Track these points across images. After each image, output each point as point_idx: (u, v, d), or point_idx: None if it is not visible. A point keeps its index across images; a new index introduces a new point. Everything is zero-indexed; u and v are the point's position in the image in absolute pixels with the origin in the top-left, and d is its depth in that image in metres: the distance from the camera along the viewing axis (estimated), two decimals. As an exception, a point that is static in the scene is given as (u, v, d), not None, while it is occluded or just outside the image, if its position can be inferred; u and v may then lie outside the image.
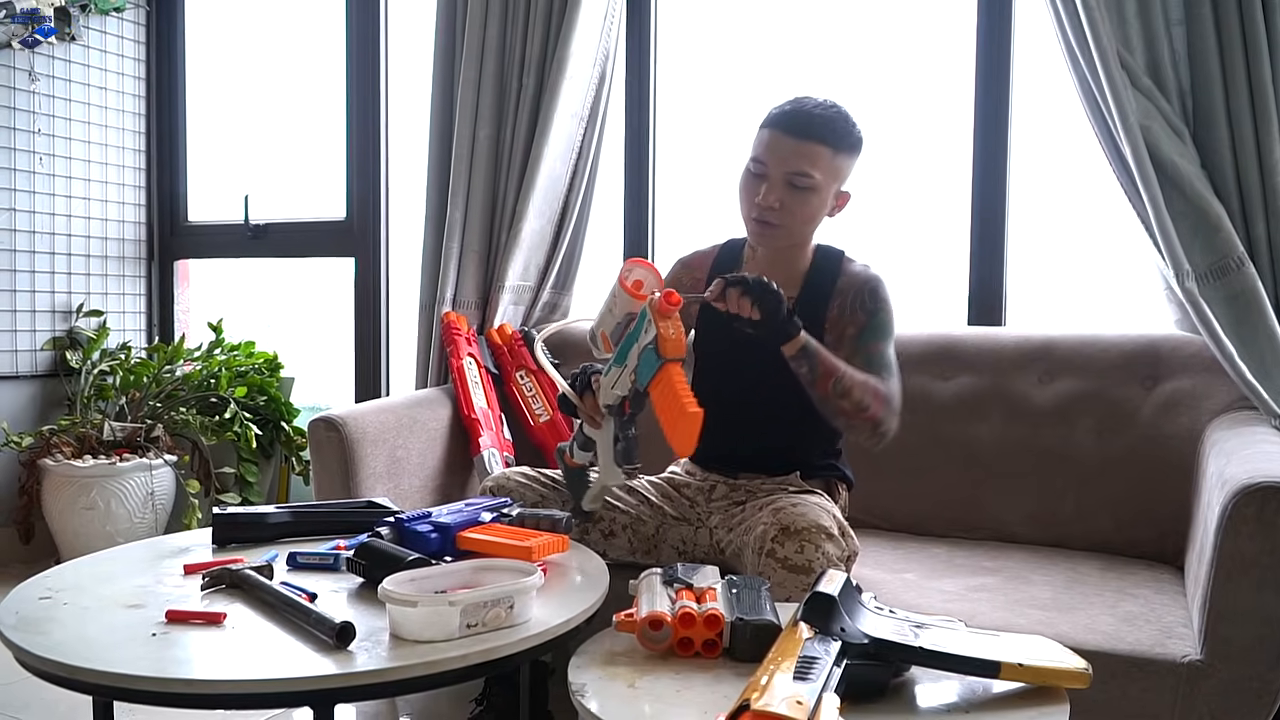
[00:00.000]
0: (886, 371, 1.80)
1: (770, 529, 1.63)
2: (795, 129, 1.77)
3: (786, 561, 1.59)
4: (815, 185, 1.77)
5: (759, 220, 1.81)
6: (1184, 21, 2.12)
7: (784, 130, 1.78)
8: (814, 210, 1.81)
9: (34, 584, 1.44)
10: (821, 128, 1.77)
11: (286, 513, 1.73)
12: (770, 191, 1.77)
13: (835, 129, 1.78)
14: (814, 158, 1.76)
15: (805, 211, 1.80)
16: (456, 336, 2.73)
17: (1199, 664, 1.51)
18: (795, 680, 0.97)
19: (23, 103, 3.34)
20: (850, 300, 1.85)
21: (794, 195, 1.78)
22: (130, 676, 1.11)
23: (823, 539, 1.61)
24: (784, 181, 1.77)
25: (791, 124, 1.78)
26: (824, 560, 1.59)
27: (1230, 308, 2.06)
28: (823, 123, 1.77)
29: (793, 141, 1.77)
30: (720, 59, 2.96)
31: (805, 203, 1.78)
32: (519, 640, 1.22)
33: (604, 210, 2.94)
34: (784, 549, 1.59)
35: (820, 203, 1.80)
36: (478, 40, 2.83)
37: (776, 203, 1.77)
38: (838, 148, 1.78)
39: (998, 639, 1.17)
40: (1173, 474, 2.04)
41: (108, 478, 3.13)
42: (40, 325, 3.43)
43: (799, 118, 1.78)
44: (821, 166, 1.77)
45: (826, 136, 1.76)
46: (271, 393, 3.46)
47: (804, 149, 1.76)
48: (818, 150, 1.76)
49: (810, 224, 1.84)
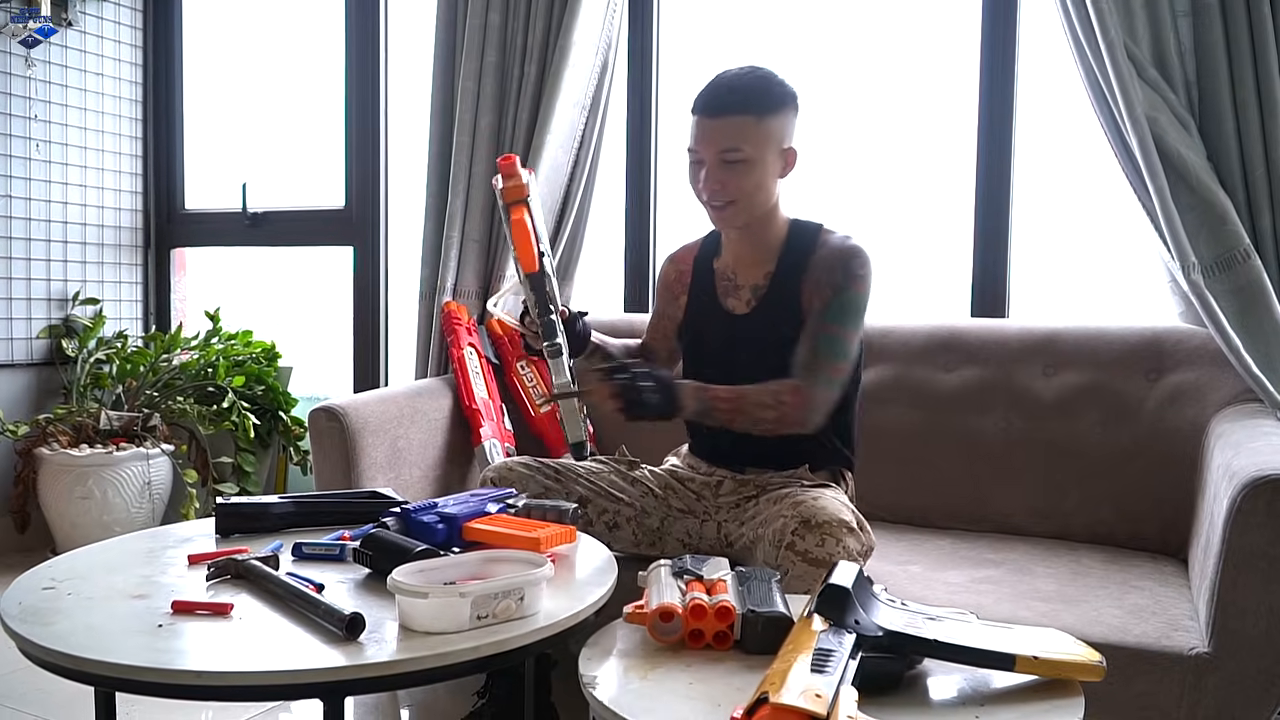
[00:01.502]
0: (828, 359, 1.77)
1: (790, 522, 1.62)
2: (712, 108, 1.78)
3: (807, 555, 1.58)
4: (748, 157, 1.77)
5: (710, 205, 1.83)
6: (1190, 13, 2.12)
7: (704, 113, 1.80)
8: (758, 180, 1.80)
9: (37, 574, 1.43)
10: (736, 99, 1.77)
11: (290, 503, 1.72)
12: (709, 175, 1.79)
13: (751, 96, 1.78)
14: (738, 130, 1.76)
15: (749, 184, 1.80)
16: (457, 326, 2.72)
17: (1206, 656, 1.51)
18: (813, 673, 0.96)
19: (19, 89, 3.31)
20: (824, 272, 1.82)
21: (732, 172, 1.78)
22: (138, 668, 1.10)
23: (844, 533, 1.60)
24: (718, 162, 1.78)
25: (709, 104, 1.79)
26: (845, 554, 1.58)
27: (1236, 300, 2.06)
28: (737, 93, 1.78)
29: (713, 121, 1.78)
30: (723, 48, 2.95)
31: (746, 175, 1.79)
32: (530, 632, 1.21)
33: (606, 199, 2.93)
34: (804, 542, 1.59)
35: (763, 171, 1.80)
36: (479, 28, 2.81)
37: (718, 184, 1.79)
38: (761, 113, 1.77)
39: (1011, 631, 1.17)
40: (1177, 467, 2.04)
41: (104, 467, 3.11)
42: (36, 313, 3.41)
43: (714, 96, 1.80)
44: (748, 137, 1.77)
45: (746, 106, 1.77)
46: (269, 382, 3.45)
47: (726, 125, 1.76)
48: (739, 122, 1.76)
49: (760, 193, 1.82)
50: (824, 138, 2.76)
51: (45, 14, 3.23)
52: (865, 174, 2.76)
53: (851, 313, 1.79)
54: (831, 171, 2.74)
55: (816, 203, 2.69)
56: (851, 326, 1.79)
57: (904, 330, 2.39)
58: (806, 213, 1.93)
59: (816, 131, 2.77)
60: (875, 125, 2.75)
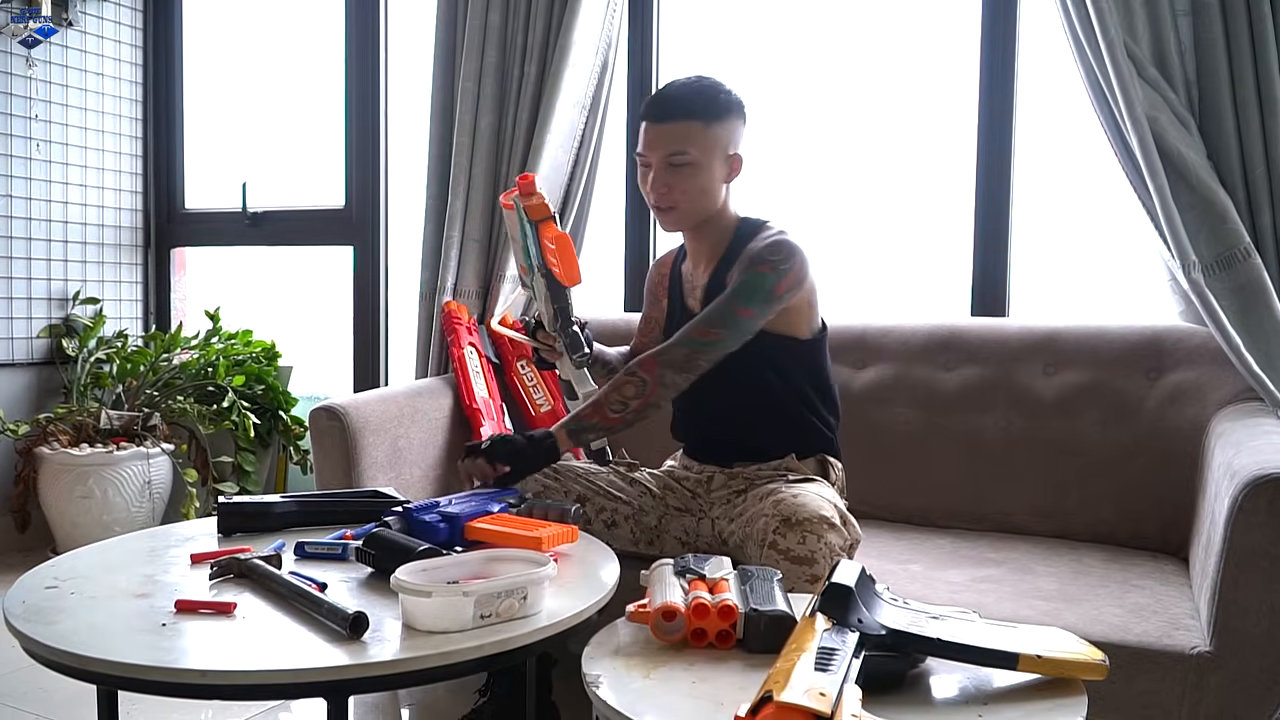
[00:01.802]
0: (701, 322, 1.79)
1: (771, 521, 1.62)
2: (660, 114, 1.83)
3: (789, 553, 1.58)
4: (694, 160, 1.82)
5: (656, 208, 1.88)
6: (1190, 11, 2.12)
7: (651, 119, 1.85)
8: (703, 183, 1.84)
9: (40, 573, 1.43)
10: (685, 106, 1.82)
11: (292, 502, 1.72)
12: (656, 179, 1.84)
13: (697, 103, 1.82)
14: (684, 135, 1.81)
15: (694, 186, 1.84)
16: (457, 326, 2.72)
17: (1208, 655, 1.51)
18: (816, 672, 0.96)
19: (20, 89, 3.31)
20: (741, 261, 1.84)
21: (677, 175, 1.83)
22: (143, 667, 1.10)
23: (825, 529, 1.60)
24: (664, 165, 1.83)
25: (656, 110, 1.84)
26: (827, 551, 1.58)
27: (1236, 299, 2.06)
28: (683, 100, 1.83)
29: (661, 126, 1.83)
30: (722, 47, 2.95)
31: (691, 179, 1.83)
32: (533, 631, 1.22)
33: (606, 199, 2.93)
34: (785, 540, 1.59)
35: (708, 175, 1.84)
36: (479, 28, 2.81)
37: (664, 187, 1.84)
38: (708, 119, 1.82)
39: (1014, 630, 1.17)
40: (1177, 466, 2.04)
41: (104, 466, 3.11)
42: (36, 313, 3.41)
43: (662, 103, 1.85)
44: (695, 141, 1.81)
45: (692, 112, 1.81)
46: (269, 381, 3.45)
47: (673, 130, 1.81)
48: (687, 127, 1.81)
49: (706, 196, 1.86)
50: (824, 137, 2.76)
51: (46, 14, 3.23)
52: (865, 173, 2.76)
53: (751, 290, 1.78)
54: (831, 171, 2.75)
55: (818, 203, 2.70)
56: (745, 300, 1.78)
57: (904, 329, 2.39)
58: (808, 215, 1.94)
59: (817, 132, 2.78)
60: (875, 124, 2.75)
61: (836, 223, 1.93)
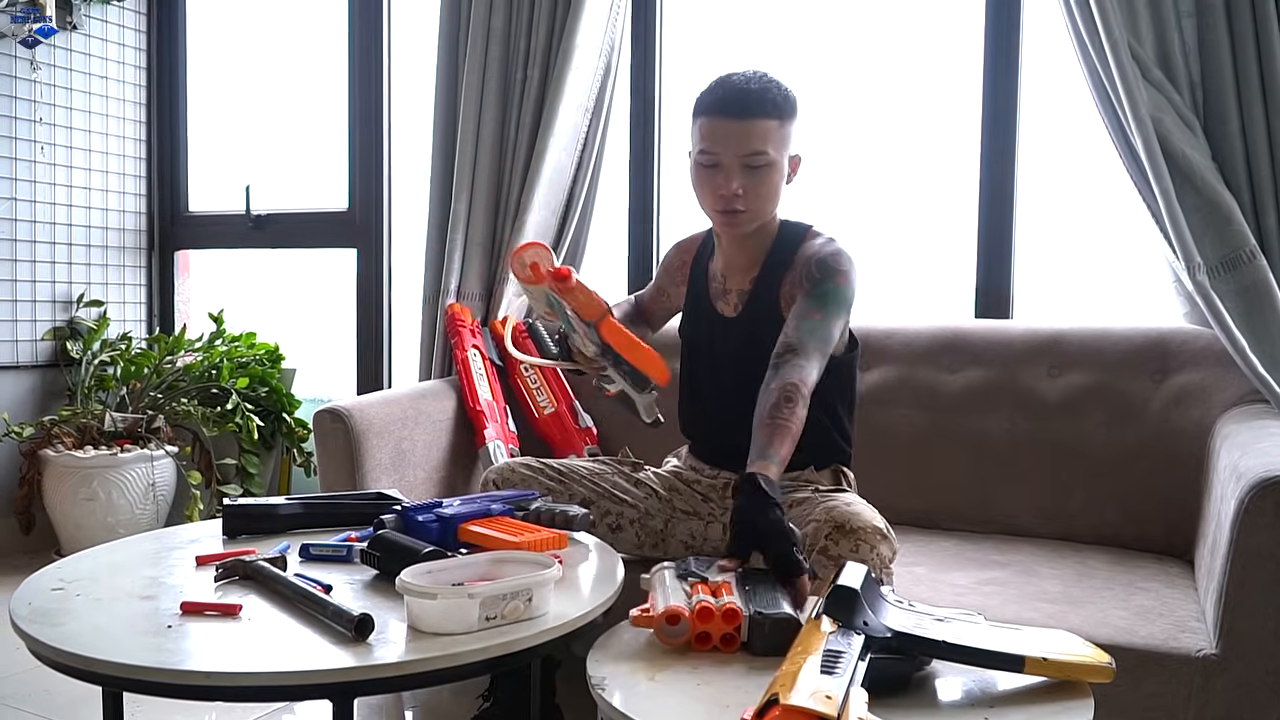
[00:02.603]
0: (815, 339, 1.68)
1: (824, 526, 1.60)
2: (737, 110, 1.71)
3: (840, 560, 1.55)
4: (771, 161, 1.73)
5: (724, 211, 1.77)
6: (1194, 13, 2.12)
7: (726, 115, 1.72)
8: (775, 186, 1.77)
9: (46, 575, 1.43)
10: (762, 102, 1.72)
11: (297, 504, 1.72)
12: (730, 179, 1.73)
13: (774, 99, 1.73)
14: (764, 134, 1.71)
15: (768, 189, 1.76)
16: (461, 328, 2.72)
17: (1214, 658, 1.51)
18: (822, 674, 0.96)
19: (24, 92, 3.32)
20: (801, 272, 1.78)
21: (753, 177, 1.73)
22: (149, 669, 1.10)
23: (878, 539, 1.59)
24: (740, 166, 1.72)
25: (732, 106, 1.72)
26: (878, 561, 1.57)
27: (1242, 300, 2.06)
28: (761, 96, 1.72)
29: (739, 124, 1.71)
30: (725, 50, 2.95)
31: (766, 181, 1.74)
32: (538, 633, 1.21)
33: (609, 202, 2.93)
34: (838, 547, 1.57)
35: (779, 177, 1.77)
36: (482, 31, 2.81)
37: (739, 189, 1.73)
38: (783, 117, 1.74)
39: (1020, 633, 1.17)
40: (1182, 467, 2.04)
41: (109, 468, 3.12)
42: (41, 315, 3.42)
43: (737, 98, 1.72)
44: (773, 141, 1.72)
45: (769, 109, 1.72)
46: (273, 384, 3.45)
47: (752, 128, 1.71)
48: (765, 126, 1.71)
49: (774, 200, 1.80)
50: (828, 139, 2.76)
51: (49, 16, 3.23)
52: (869, 175, 2.76)
53: (834, 302, 1.73)
54: (835, 173, 2.74)
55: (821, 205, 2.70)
56: (832, 313, 1.71)
57: (908, 331, 2.39)
58: (809, 215, 1.92)
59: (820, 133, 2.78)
60: (879, 126, 2.75)
61: (841, 225, 1.92)
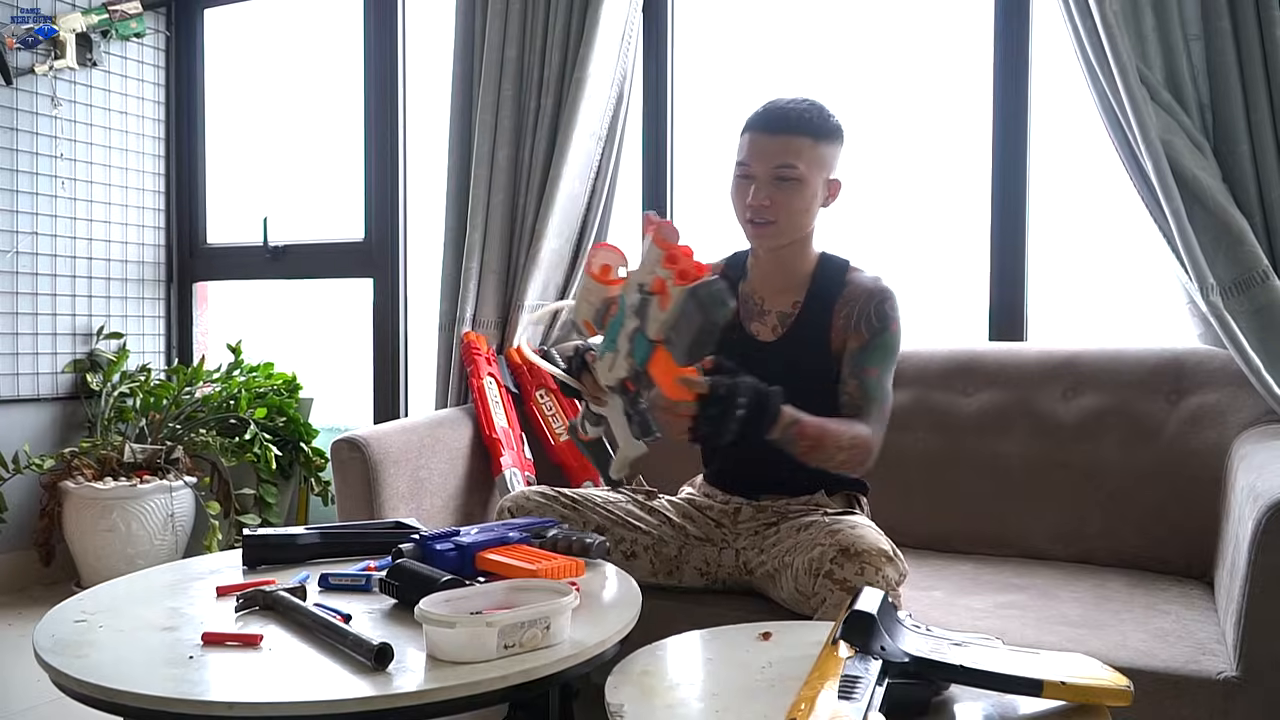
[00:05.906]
0: (877, 402, 1.80)
1: (829, 550, 1.62)
2: (773, 126, 1.81)
3: (845, 584, 1.57)
4: (801, 176, 1.80)
5: (753, 221, 1.84)
6: (1202, 36, 2.13)
7: (762, 129, 1.82)
8: (805, 202, 1.82)
9: (68, 607, 1.45)
10: (798, 120, 1.80)
11: (316, 534, 1.73)
12: (759, 190, 1.81)
13: (812, 119, 1.81)
14: (796, 149, 1.79)
15: (797, 204, 1.81)
16: (476, 356, 2.74)
17: (1235, 681, 1.50)
18: (840, 699, 0.96)
19: (45, 127, 3.37)
20: (857, 312, 1.84)
21: (782, 190, 1.80)
22: (171, 699, 1.11)
23: (883, 562, 1.60)
24: (770, 178, 1.80)
25: (769, 122, 1.82)
26: (883, 583, 1.58)
27: (1256, 321, 2.06)
28: (798, 115, 1.81)
29: (772, 138, 1.80)
30: (737, 78, 2.97)
31: (795, 195, 1.81)
32: (557, 660, 1.22)
33: (622, 229, 2.95)
34: (843, 570, 1.59)
35: (810, 194, 1.82)
36: (496, 61, 2.85)
37: (766, 200, 1.80)
38: (817, 137, 1.81)
39: (1038, 656, 1.16)
40: (1200, 489, 2.03)
41: (128, 499, 3.14)
42: (61, 348, 3.46)
43: (775, 115, 1.82)
44: (804, 157, 1.80)
45: (804, 127, 1.80)
46: (290, 413, 3.47)
47: (785, 143, 1.79)
48: (798, 142, 1.79)
49: (804, 216, 1.84)
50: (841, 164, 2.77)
51: (71, 54, 3.28)
52: (882, 199, 2.77)
53: (890, 355, 1.84)
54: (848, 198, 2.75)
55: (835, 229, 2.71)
56: (889, 369, 1.84)
57: (923, 355, 2.39)
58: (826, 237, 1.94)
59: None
60: (891, 151, 2.77)
61: (854, 248, 1.93)
